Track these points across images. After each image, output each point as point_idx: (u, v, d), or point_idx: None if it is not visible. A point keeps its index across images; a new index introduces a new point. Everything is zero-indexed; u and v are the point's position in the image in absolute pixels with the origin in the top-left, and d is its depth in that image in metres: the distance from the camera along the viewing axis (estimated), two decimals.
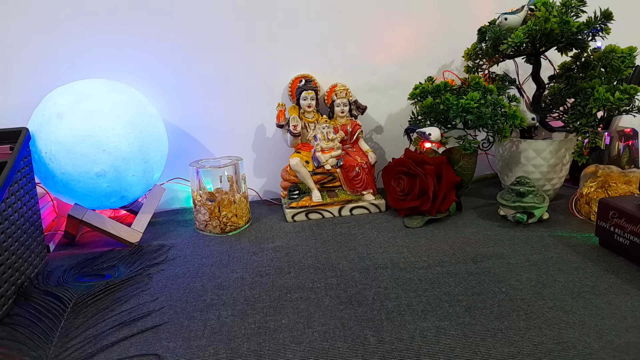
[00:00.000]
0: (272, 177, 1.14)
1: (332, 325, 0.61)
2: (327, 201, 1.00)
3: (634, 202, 0.75)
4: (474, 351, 0.54)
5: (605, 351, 0.53)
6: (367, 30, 1.08)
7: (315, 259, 0.80)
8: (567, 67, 1.01)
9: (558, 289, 0.66)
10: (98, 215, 0.89)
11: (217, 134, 1.09)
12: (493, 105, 0.91)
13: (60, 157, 0.82)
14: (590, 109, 0.89)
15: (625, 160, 1.07)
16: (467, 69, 1.05)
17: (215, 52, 1.03)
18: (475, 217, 0.95)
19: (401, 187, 0.96)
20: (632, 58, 0.89)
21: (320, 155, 0.99)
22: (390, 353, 0.55)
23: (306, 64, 1.07)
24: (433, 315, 0.62)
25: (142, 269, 0.79)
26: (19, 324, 0.64)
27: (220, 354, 0.56)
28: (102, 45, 0.98)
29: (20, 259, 0.72)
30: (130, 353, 0.57)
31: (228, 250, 0.85)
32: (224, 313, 0.65)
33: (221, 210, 0.92)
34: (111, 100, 0.86)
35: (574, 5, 0.89)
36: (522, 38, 0.87)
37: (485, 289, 0.67)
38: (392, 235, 0.88)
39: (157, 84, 1.03)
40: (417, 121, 1.02)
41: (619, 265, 0.72)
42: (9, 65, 0.96)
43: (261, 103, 1.08)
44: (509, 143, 1.00)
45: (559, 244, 0.81)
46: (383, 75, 1.12)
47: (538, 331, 0.57)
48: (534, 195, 0.88)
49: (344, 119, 1.05)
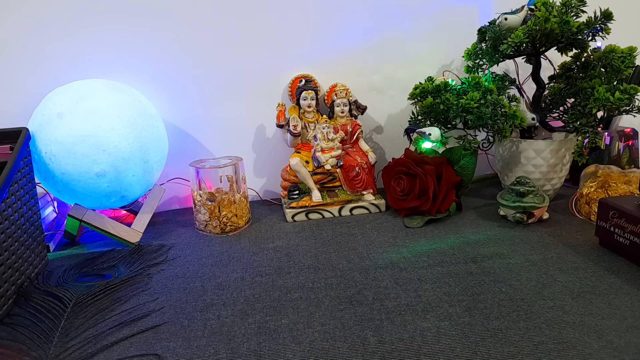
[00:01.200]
0: (272, 177, 1.14)
1: (332, 325, 0.61)
2: (327, 201, 1.00)
3: (634, 202, 0.75)
4: (474, 351, 0.54)
5: (605, 351, 0.53)
6: (367, 30, 1.08)
7: (315, 259, 0.80)
8: (567, 67, 1.01)
9: (558, 289, 0.66)
10: (98, 215, 0.89)
11: (217, 134, 1.09)
12: (493, 105, 0.91)
13: (60, 157, 0.82)
14: (590, 109, 0.89)
15: (625, 160, 1.07)
16: (467, 69, 1.05)
17: (215, 52, 1.03)
18: (475, 217, 0.95)
19: (401, 187, 0.96)
20: (632, 58, 0.89)
21: (320, 155, 0.99)
22: (390, 353, 0.55)
23: (306, 64, 1.07)
24: (433, 315, 0.62)
25: (142, 269, 0.79)
26: (19, 324, 0.64)
27: (220, 354, 0.56)
28: (102, 45, 0.98)
29: (20, 259, 0.72)
30: (130, 353, 0.57)
31: (228, 250, 0.85)
32: (224, 313, 0.65)
33: (221, 210, 0.92)
34: (111, 100, 0.86)
35: (574, 5, 0.89)
36: (522, 38, 0.87)
37: (485, 289, 0.67)
38: (392, 235, 0.88)
39: (157, 84, 1.03)
40: (417, 121, 1.02)
41: (619, 265, 0.72)
42: (9, 65, 0.96)
43: (261, 103, 1.08)
44: (509, 143, 1.00)
45: (559, 244, 0.81)
46: (383, 75, 1.12)
47: (538, 331, 0.57)
48: (534, 195, 0.88)
49: (344, 119, 1.05)
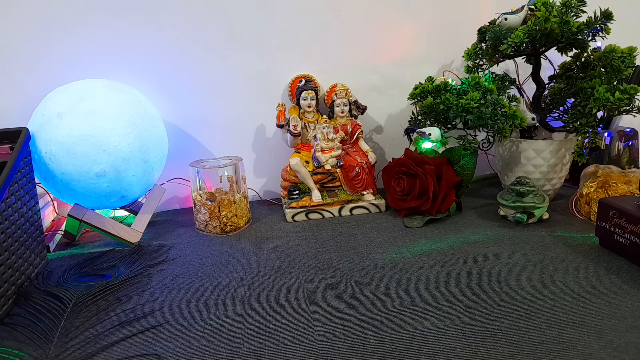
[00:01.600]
0: (272, 177, 1.14)
1: (332, 325, 0.61)
2: (327, 201, 1.00)
3: (634, 202, 0.75)
4: (474, 351, 0.54)
5: (605, 351, 0.53)
6: (367, 30, 1.08)
7: (315, 259, 0.80)
8: (567, 67, 1.01)
9: (558, 289, 0.66)
10: (98, 215, 0.89)
11: (217, 134, 1.09)
12: (493, 105, 0.91)
13: (60, 157, 0.82)
14: (590, 109, 0.89)
15: (625, 160, 1.07)
16: (467, 69, 1.05)
17: (215, 52, 1.03)
18: (475, 217, 0.95)
19: (401, 187, 0.96)
20: (632, 58, 0.89)
21: (320, 155, 0.99)
22: (390, 353, 0.55)
23: (306, 64, 1.07)
24: (433, 315, 0.62)
25: (142, 269, 0.79)
26: (19, 324, 0.64)
27: (220, 354, 0.56)
28: (102, 45, 0.98)
29: (20, 259, 0.72)
30: (130, 353, 0.57)
31: (228, 250, 0.85)
32: (224, 313, 0.65)
33: (221, 210, 0.92)
34: (111, 100, 0.86)
35: (574, 5, 0.89)
36: (522, 38, 0.87)
37: (485, 289, 0.67)
38: (392, 235, 0.88)
39: (157, 84, 1.03)
40: (417, 121, 1.02)
41: (619, 265, 0.72)
42: (9, 65, 0.96)
43: (261, 103, 1.08)
44: (509, 143, 1.00)
45: (559, 244, 0.81)
46: (383, 75, 1.12)
47: (538, 331, 0.57)
48: (534, 195, 0.88)
49: (344, 119, 1.05)
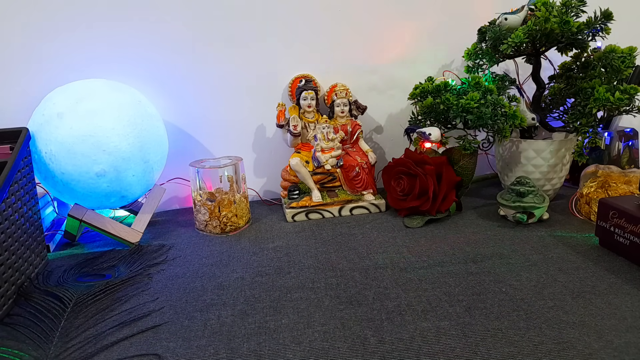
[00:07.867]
0: (272, 177, 1.14)
1: (332, 325, 0.61)
2: (327, 201, 1.00)
3: (634, 202, 0.75)
4: (474, 351, 0.54)
5: (605, 351, 0.53)
6: (367, 30, 1.08)
7: (315, 259, 0.80)
8: (567, 67, 1.01)
9: (558, 289, 0.66)
10: (98, 215, 0.89)
11: (217, 134, 1.09)
12: (493, 105, 0.91)
13: (60, 157, 0.82)
14: (590, 109, 0.89)
15: (625, 160, 1.07)
16: (467, 69, 1.05)
17: (215, 51, 1.03)
18: (475, 217, 0.95)
19: (401, 187, 0.96)
20: (632, 58, 0.89)
21: (320, 155, 0.99)
22: (390, 353, 0.55)
23: (306, 64, 1.07)
24: (433, 315, 0.62)
25: (142, 269, 0.79)
26: (19, 324, 0.64)
27: (220, 354, 0.56)
28: (101, 45, 0.98)
29: (20, 259, 0.72)
30: (130, 353, 0.57)
31: (228, 250, 0.85)
32: (224, 313, 0.65)
33: (221, 210, 0.92)
34: (111, 100, 0.86)
35: (574, 5, 0.89)
36: (522, 38, 0.87)
37: (485, 289, 0.67)
38: (392, 235, 0.88)
39: (157, 84, 1.03)
40: (417, 121, 1.02)
41: (619, 265, 0.72)
42: (9, 65, 0.96)
43: (261, 103, 1.08)
44: (509, 143, 1.00)
45: (559, 244, 0.81)
46: (383, 75, 1.12)
47: (538, 331, 0.57)
48: (534, 195, 0.88)
49: (344, 119, 1.05)
